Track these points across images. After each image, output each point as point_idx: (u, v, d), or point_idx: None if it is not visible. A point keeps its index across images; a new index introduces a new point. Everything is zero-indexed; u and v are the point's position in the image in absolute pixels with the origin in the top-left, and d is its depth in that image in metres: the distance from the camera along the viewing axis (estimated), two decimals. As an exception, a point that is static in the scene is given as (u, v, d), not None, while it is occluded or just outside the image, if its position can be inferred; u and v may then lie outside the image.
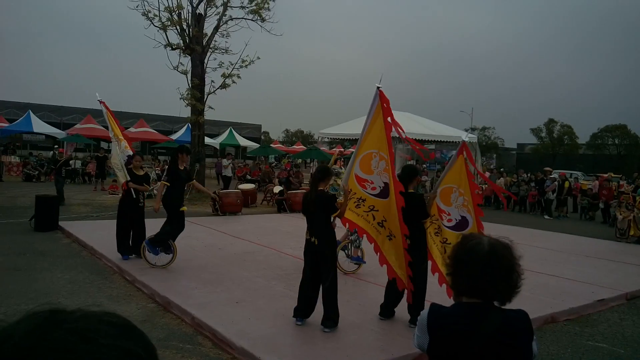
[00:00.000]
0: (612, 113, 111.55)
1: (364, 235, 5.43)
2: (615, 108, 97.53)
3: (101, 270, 7.38)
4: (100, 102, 8.45)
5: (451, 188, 5.23)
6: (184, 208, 7.50)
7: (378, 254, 5.19)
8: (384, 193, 5.15)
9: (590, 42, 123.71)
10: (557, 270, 8.40)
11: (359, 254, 7.47)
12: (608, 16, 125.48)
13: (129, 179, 7.76)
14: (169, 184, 7.24)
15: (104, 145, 31.59)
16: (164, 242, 7.25)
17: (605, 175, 20.62)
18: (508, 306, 1.75)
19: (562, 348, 5.16)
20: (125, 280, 6.92)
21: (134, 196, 7.75)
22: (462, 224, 5.16)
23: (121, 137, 8.30)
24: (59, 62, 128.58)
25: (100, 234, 9.38)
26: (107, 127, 8.76)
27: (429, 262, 5.44)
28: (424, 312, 1.77)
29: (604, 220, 16.83)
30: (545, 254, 10.03)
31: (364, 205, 5.26)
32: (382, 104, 5.10)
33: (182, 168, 7.45)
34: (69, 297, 6.02)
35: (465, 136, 5.39)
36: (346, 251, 7.46)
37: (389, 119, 5.06)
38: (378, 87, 5.07)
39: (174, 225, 7.28)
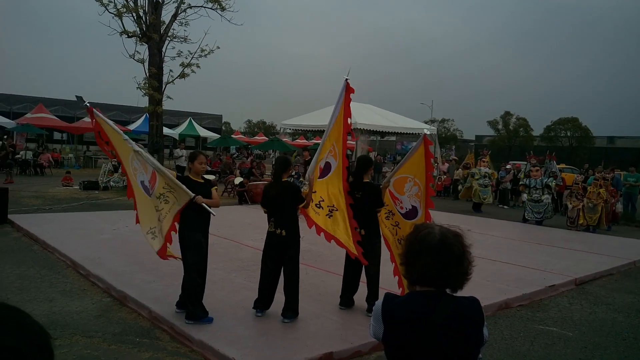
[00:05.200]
0: (564, 104, 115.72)
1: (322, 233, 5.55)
2: (568, 99, 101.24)
3: (53, 264, 7.12)
4: (89, 109, 5.22)
5: (406, 178, 5.31)
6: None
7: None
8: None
9: (564, 41, 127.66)
10: (512, 257, 8.67)
11: None
12: (563, 14, 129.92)
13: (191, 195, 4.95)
14: None
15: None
16: None
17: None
18: (460, 293, 1.79)
19: (515, 332, 5.34)
20: (79, 274, 6.70)
21: (213, 214, 5.15)
22: (411, 213, 5.27)
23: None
24: (7, 49, 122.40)
25: (52, 227, 9.04)
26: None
27: (388, 252, 5.52)
28: (379, 302, 1.79)
29: (556, 209, 17.46)
30: (501, 242, 10.34)
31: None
32: (347, 95, 5.26)
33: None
34: (18, 294, 5.78)
35: (427, 130, 5.55)
36: None
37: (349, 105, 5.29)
38: (346, 79, 5.26)
39: None
